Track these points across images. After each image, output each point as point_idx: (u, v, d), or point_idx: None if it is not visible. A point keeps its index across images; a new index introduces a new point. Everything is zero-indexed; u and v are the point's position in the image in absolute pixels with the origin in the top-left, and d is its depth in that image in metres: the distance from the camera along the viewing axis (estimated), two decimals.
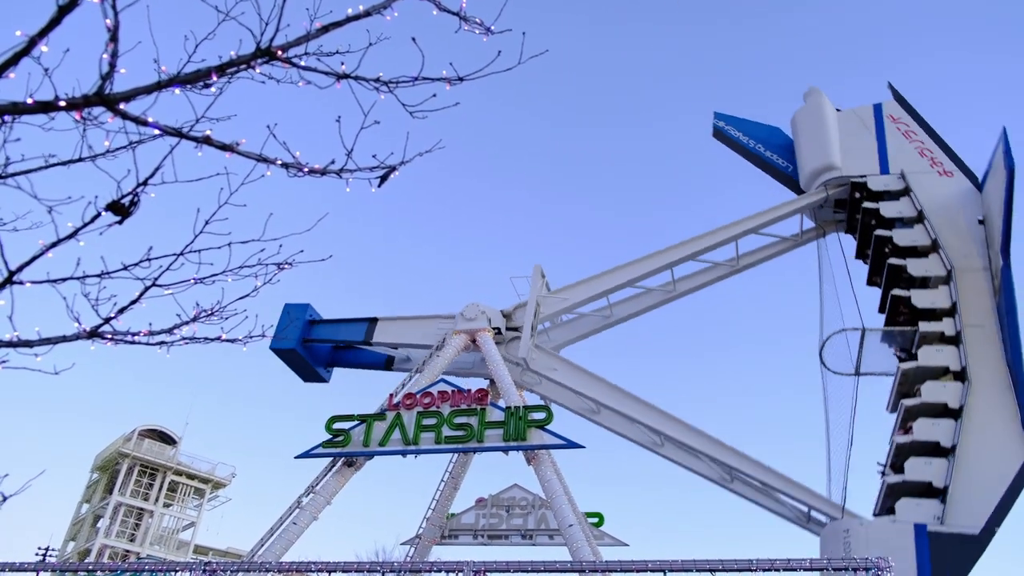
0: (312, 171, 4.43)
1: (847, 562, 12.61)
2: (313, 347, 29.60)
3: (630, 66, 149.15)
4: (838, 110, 31.30)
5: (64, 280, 4.29)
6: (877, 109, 30.75)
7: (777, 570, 11.85)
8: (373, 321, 29.25)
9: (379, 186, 4.55)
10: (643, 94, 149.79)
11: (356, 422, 23.53)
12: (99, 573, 25.50)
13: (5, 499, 4.72)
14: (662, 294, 29.50)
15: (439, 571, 12.89)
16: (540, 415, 22.34)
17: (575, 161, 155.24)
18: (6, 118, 3.65)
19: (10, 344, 4.26)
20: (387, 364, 30.48)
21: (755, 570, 11.82)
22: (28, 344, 4.32)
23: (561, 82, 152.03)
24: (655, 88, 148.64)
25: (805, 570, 12.09)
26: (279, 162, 4.22)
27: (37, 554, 56.47)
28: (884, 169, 28.54)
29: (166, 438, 78.43)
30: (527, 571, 12.34)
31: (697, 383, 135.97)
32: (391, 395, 24.50)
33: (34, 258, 4.23)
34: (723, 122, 32.98)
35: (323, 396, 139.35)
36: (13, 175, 4.60)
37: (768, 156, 31.95)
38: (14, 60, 3.46)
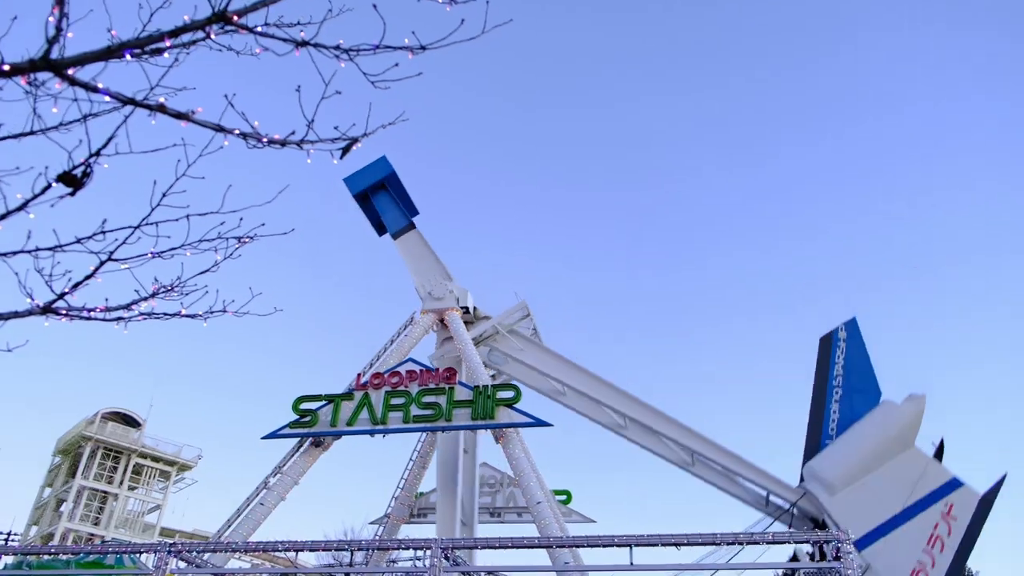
0: (272, 142, 4.33)
1: (808, 536, 12.87)
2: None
3: (599, 43, 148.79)
4: None
5: (15, 253, 4.17)
6: None
7: (741, 543, 12.03)
8: (412, 226, 29.19)
9: (341, 158, 4.47)
10: (609, 72, 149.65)
11: (324, 402, 23.43)
12: (63, 556, 25.15)
13: None
14: (613, 423, 28.47)
15: (407, 548, 12.89)
16: (508, 394, 22.42)
17: (538, 140, 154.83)
18: None
19: None
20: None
21: (719, 543, 12.00)
22: None
23: (528, 56, 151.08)
24: (623, 67, 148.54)
25: (768, 543, 12.29)
26: (237, 132, 4.12)
27: None
28: None
29: (130, 421, 77.39)
30: (495, 547, 12.38)
31: (668, 364, 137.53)
32: (359, 375, 24.39)
33: None
34: None
35: (290, 378, 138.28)
36: None
37: None
38: None
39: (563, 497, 31.15)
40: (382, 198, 29.87)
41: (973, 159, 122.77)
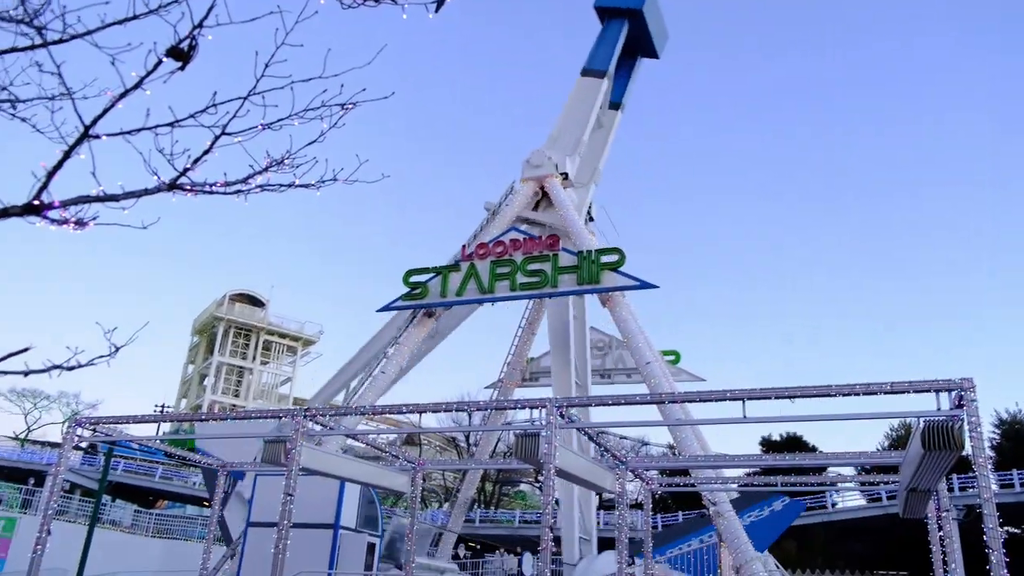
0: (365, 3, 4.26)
1: (930, 384, 12.54)
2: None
3: None
4: None
5: (137, 131, 4.35)
6: None
7: (857, 394, 11.86)
8: (601, 75, 29.10)
9: (436, 11, 4.35)
10: None
11: (432, 275, 24.09)
12: (212, 422, 27.67)
13: (117, 349, 5.01)
14: None
15: (523, 408, 13.41)
16: (612, 258, 22.34)
17: None
18: None
19: (98, 199, 4.39)
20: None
21: (834, 395, 11.89)
22: (114, 198, 4.45)
23: None
24: None
25: (885, 393, 12.04)
26: None
27: (154, 410, 61.54)
28: None
29: (255, 301, 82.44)
30: (608, 404, 12.69)
31: None
32: (464, 246, 24.83)
33: (105, 111, 4.29)
34: None
35: (398, 249, 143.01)
36: (72, 37, 4.59)
37: None
38: None
39: (671, 357, 31.41)
40: (612, 28, 29.40)
41: None
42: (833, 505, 48.25)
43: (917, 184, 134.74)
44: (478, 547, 54.74)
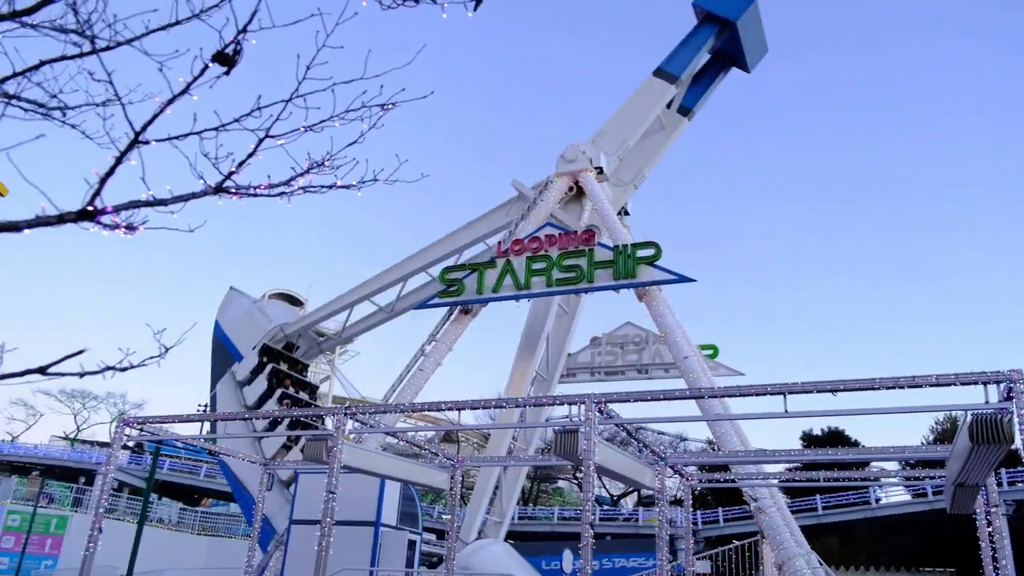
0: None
1: (977, 376, 12.27)
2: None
3: None
4: None
5: (185, 136, 4.46)
6: None
7: (901, 387, 11.66)
8: (673, 79, 28.31)
9: (475, 9, 4.38)
10: None
11: (468, 271, 24.19)
12: (256, 420, 28.14)
13: (167, 350, 5.14)
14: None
15: (561, 404, 13.41)
16: (648, 251, 22.19)
17: None
18: None
19: (148, 203, 4.51)
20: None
21: (877, 388, 11.70)
22: (163, 203, 4.56)
23: None
24: None
25: (930, 386, 11.80)
26: None
27: (198, 409, 62.67)
28: None
29: (294, 300, 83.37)
30: (647, 400, 12.63)
31: None
32: (499, 242, 24.87)
33: (155, 117, 4.40)
34: None
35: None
36: (122, 43, 4.70)
37: None
38: None
39: (709, 352, 31.12)
40: (700, 34, 28.56)
41: None
42: (877, 501, 47.45)
43: (937, 185, 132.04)
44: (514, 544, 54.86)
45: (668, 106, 28.80)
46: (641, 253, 22.18)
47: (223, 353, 32.33)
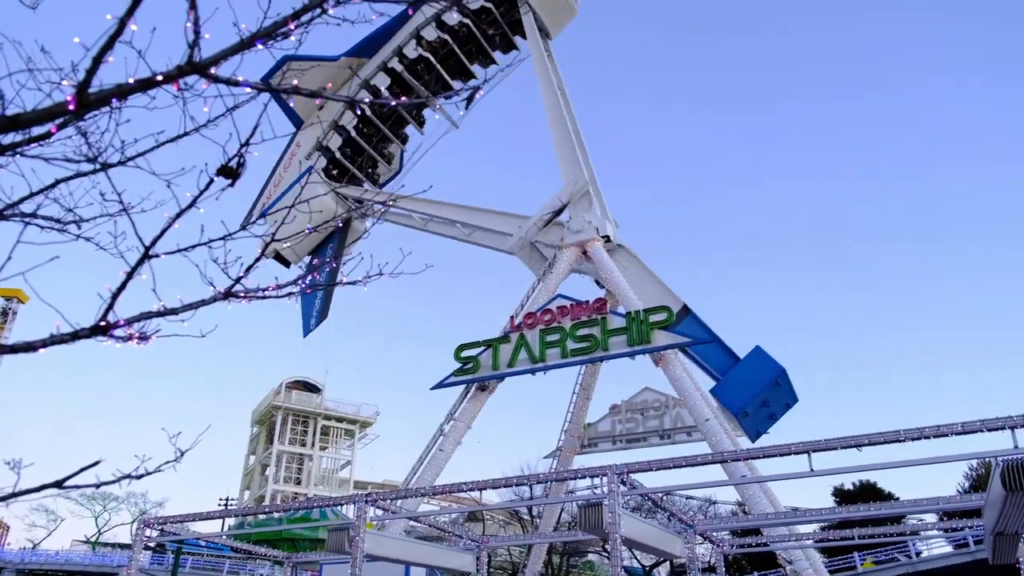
0: (399, 103, 4.48)
1: (1004, 421, 12.05)
2: None
3: None
4: None
5: (193, 247, 4.59)
6: None
7: (926, 436, 11.48)
8: None
9: (467, 108, 4.56)
10: None
11: (483, 348, 24.22)
12: (275, 514, 27.78)
13: (183, 453, 5.17)
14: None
15: (583, 477, 13.24)
16: (661, 316, 22.25)
17: None
18: (114, 102, 3.86)
19: (159, 314, 4.61)
20: None
21: (903, 440, 11.53)
22: (174, 312, 4.67)
23: None
24: None
25: (956, 434, 11.63)
26: (367, 100, 4.28)
27: (219, 503, 62.01)
28: None
29: (311, 387, 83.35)
30: (669, 468, 12.46)
31: None
32: (512, 317, 24.98)
33: (164, 231, 4.54)
34: None
35: (446, 329, 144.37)
36: (132, 158, 4.90)
37: None
38: (110, 44, 3.65)
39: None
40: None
41: None
42: (918, 554, 45.84)
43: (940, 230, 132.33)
44: None
45: None
46: (654, 318, 22.21)
47: None
